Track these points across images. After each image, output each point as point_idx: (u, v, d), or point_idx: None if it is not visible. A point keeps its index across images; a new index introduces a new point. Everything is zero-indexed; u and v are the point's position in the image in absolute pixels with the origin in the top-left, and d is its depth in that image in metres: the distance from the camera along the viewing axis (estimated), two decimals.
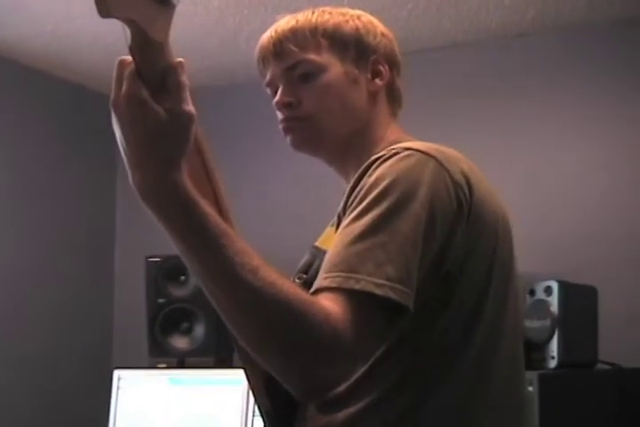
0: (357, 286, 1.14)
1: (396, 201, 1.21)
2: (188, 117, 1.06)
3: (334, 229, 1.42)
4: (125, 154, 1.07)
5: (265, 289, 1.08)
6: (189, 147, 1.08)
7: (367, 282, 1.14)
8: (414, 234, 1.19)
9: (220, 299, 1.12)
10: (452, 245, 1.25)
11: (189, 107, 1.06)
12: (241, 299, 1.10)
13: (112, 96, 1.05)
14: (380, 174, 1.25)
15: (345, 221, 1.23)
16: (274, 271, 1.11)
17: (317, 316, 1.10)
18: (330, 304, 1.12)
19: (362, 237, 1.18)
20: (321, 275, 1.18)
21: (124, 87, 1.03)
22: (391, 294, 1.15)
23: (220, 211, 1.22)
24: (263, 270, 1.10)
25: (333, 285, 1.15)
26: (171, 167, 1.06)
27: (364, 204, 1.22)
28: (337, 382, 1.14)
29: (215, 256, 1.08)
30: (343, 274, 1.15)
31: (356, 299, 1.13)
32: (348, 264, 1.16)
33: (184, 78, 1.06)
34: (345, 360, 1.13)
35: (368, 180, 1.26)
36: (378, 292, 1.14)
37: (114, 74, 1.05)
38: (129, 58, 1.04)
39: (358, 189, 1.27)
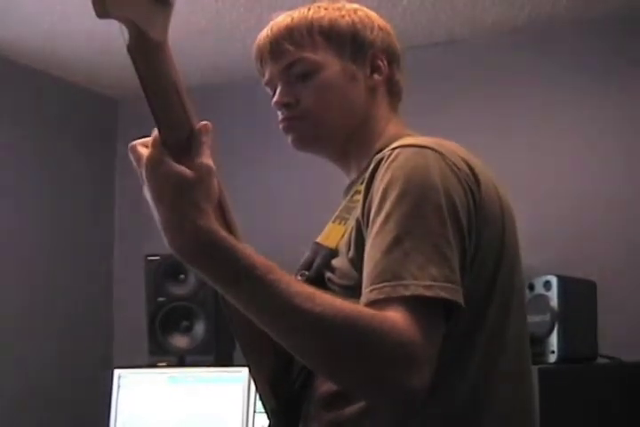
0: (407, 293, 1.14)
1: (415, 201, 1.21)
2: (207, 170, 1.11)
3: (336, 225, 1.42)
4: (158, 217, 1.11)
5: (327, 313, 1.10)
6: (215, 197, 1.13)
7: (415, 286, 1.15)
8: (443, 228, 1.20)
9: (286, 332, 1.14)
10: (471, 235, 1.25)
11: (207, 160, 1.11)
12: (307, 328, 1.12)
13: (139, 172, 1.12)
14: (392, 177, 1.24)
15: (372, 232, 1.23)
16: (326, 294, 1.14)
17: (383, 327, 1.11)
18: (390, 315, 1.13)
19: (395, 243, 1.18)
20: (366, 287, 1.19)
21: (148, 153, 1.10)
22: (442, 294, 1.16)
23: (229, 226, 1.22)
24: (318, 295, 1.12)
25: (382, 296, 1.15)
26: (200, 216, 1.09)
27: (385, 210, 1.22)
28: (422, 387, 1.14)
29: (270, 293, 1.10)
30: (389, 283, 1.16)
31: (410, 304, 1.14)
32: (392, 272, 1.17)
33: (206, 138, 1.13)
34: (421, 364, 1.13)
35: (381, 184, 1.25)
36: (428, 294, 1.15)
37: (131, 158, 1.13)
38: (139, 141, 1.13)
39: (372, 195, 1.27)
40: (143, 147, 1.13)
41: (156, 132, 1.11)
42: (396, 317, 1.12)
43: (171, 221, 1.10)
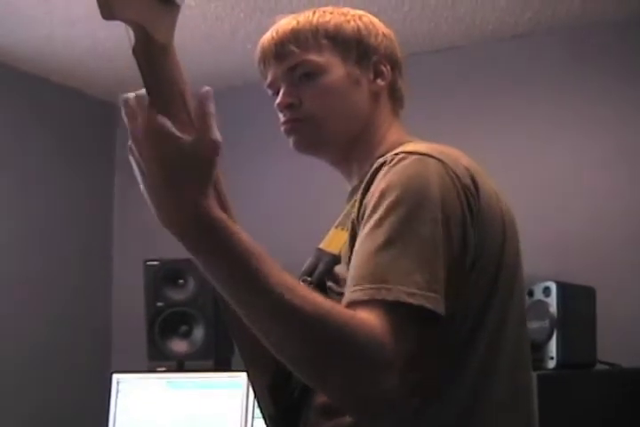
0: (390, 297, 1.13)
1: (410, 207, 1.20)
2: (214, 146, 1.05)
3: (339, 230, 1.41)
4: (149, 188, 1.06)
5: (305, 306, 1.08)
6: (215, 175, 1.08)
7: (399, 292, 1.14)
8: (435, 238, 1.19)
9: (260, 321, 1.12)
10: (466, 246, 1.25)
11: (215, 135, 1.05)
12: (283, 318, 1.09)
13: (130, 131, 1.04)
14: (391, 182, 1.24)
15: (363, 232, 1.22)
16: (307, 288, 1.12)
17: (360, 329, 1.10)
18: (367, 316, 1.12)
19: (385, 246, 1.18)
20: (349, 287, 1.18)
21: (142, 120, 1.02)
22: (424, 302, 1.14)
23: (225, 210, 1.21)
24: (300, 288, 1.10)
25: (365, 297, 1.14)
26: (200, 196, 1.05)
27: (378, 213, 1.21)
28: (394, 392, 1.12)
29: (251, 277, 1.08)
30: (373, 285, 1.15)
31: (391, 309, 1.13)
32: (377, 275, 1.16)
33: (210, 107, 1.06)
34: (391, 369, 1.12)
35: (378, 187, 1.25)
36: (411, 301, 1.14)
37: (122, 111, 1.04)
38: (133, 93, 1.04)
39: (369, 196, 1.26)
40: (140, 103, 1.05)
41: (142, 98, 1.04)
42: (374, 320, 1.11)
43: (163, 194, 1.05)
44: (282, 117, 1.48)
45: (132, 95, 1.04)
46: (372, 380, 1.11)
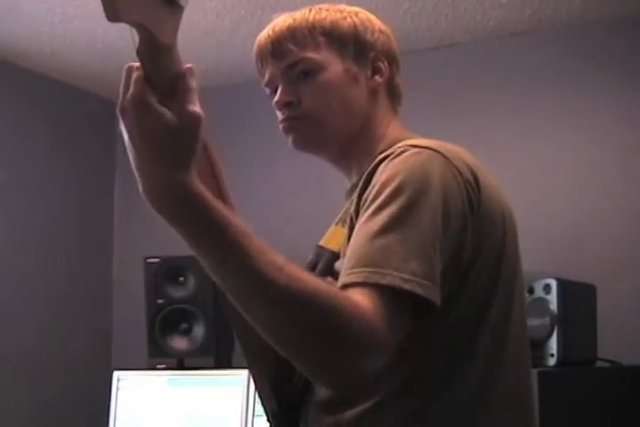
0: (384, 281, 1.13)
1: (411, 196, 1.20)
2: (196, 119, 1.04)
3: (339, 227, 1.41)
4: (134, 160, 1.05)
5: (293, 285, 1.07)
6: (199, 149, 1.06)
7: (393, 277, 1.13)
8: (433, 228, 1.19)
9: (247, 300, 1.10)
10: (463, 241, 1.25)
11: (197, 108, 1.05)
12: (270, 297, 1.08)
13: (119, 101, 1.04)
14: (392, 172, 1.24)
15: (361, 219, 1.22)
16: (298, 267, 1.10)
17: (350, 310, 1.09)
18: (361, 298, 1.11)
19: (382, 232, 1.17)
20: (344, 271, 1.17)
21: (130, 91, 1.02)
22: (419, 290, 1.14)
23: (223, 196, 1.21)
24: (288, 267, 1.08)
25: (359, 280, 1.14)
26: (181, 170, 1.04)
27: (379, 201, 1.21)
28: (371, 375, 1.13)
29: (238, 256, 1.06)
30: (368, 269, 1.14)
31: (384, 293, 1.12)
32: (373, 259, 1.15)
33: (193, 82, 1.06)
34: (379, 354, 1.12)
35: (380, 178, 1.25)
36: (406, 286, 1.13)
37: (122, 79, 1.04)
38: (137, 64, 1.03)
39: (370, 188, 1.26)
40: (137, 77, 1.04)
41: (140, 69, 1.04)
42: (367, 303, 1.11)
43: (146, 165, 1.04)
44: (280, 115, 1.48)
45: (136, 66, 1.04)
46: (355, 361, 1.11)
